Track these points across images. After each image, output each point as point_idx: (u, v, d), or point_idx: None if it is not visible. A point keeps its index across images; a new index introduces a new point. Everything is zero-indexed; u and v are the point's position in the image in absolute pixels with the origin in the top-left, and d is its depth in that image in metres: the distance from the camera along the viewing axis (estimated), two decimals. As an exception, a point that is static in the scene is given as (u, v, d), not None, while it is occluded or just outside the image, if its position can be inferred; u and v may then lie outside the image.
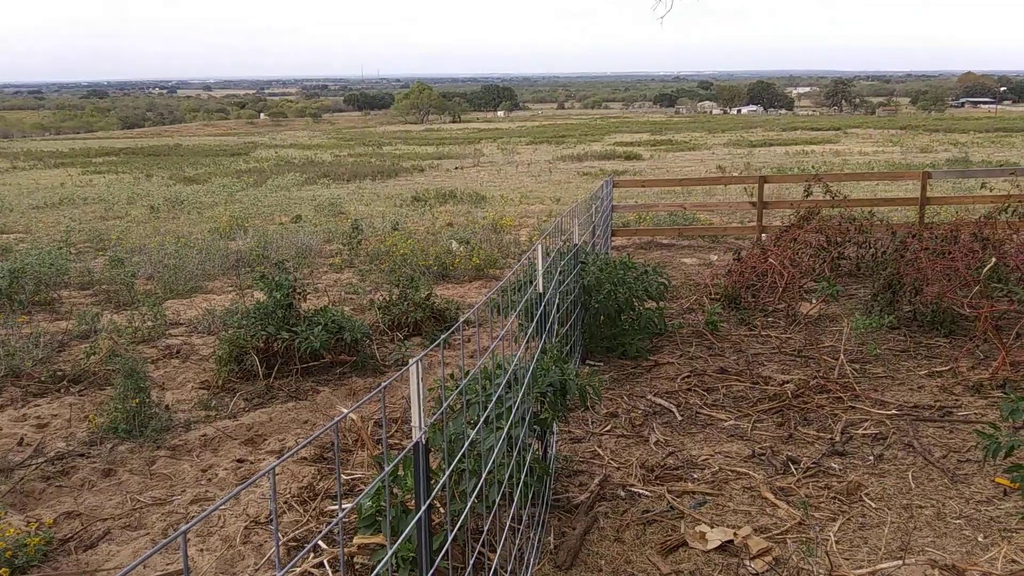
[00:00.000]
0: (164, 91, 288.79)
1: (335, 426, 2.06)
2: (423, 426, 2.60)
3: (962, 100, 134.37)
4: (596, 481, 5.43)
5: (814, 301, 9.45)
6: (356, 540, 4.30)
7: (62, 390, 7.71)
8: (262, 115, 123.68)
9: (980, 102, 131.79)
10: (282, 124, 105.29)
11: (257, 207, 22.51)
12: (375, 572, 2.30)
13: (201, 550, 4.84)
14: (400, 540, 2.52)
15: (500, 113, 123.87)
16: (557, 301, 6.11)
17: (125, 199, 25.18)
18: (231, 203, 23.68)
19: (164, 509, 5.37)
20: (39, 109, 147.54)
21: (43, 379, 7.89)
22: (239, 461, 6.10)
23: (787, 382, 7.20)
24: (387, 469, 2.34)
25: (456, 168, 36.86)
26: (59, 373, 7.96)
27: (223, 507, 5.29)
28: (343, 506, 4.92)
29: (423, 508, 2.66)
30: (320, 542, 4.74)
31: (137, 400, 6.54)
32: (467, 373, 3.86)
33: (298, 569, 4.49)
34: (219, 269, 13.26)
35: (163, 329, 9.62)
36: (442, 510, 4.19)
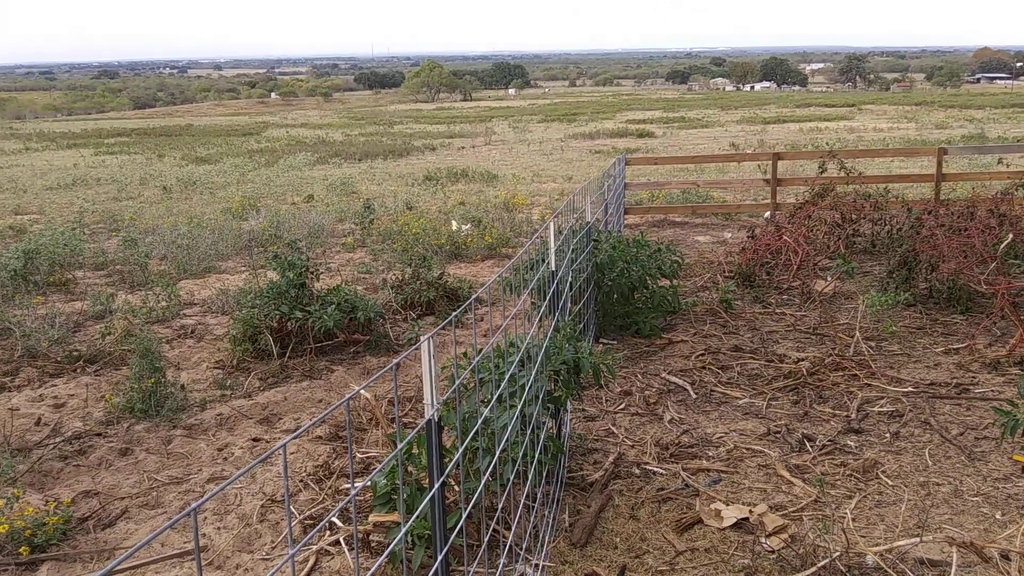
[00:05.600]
0: (175, 71, 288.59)
1: (347, 404, 2.05)
2: (436, 404, 2.60)
3: (978, 76, 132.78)
4: (611, 459, 5.43)
5: (829, 279, 9.38)
6: (371, 518, 4.31)
7: (78, 370, 7.76)
8: (273, 94, 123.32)
9: (996, 77, 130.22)
10: (293, 103, 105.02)
11: (269, 187, 22.52)
12: (389, 549, 2.31)
13: (218, 528, 4.87)
14: (414, 518, 2.52)
15: (511, 91, 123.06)
16: (570, 279, 6.09)
17: (138, 180, 25.23)
18: (243, 183, 23.70)
19: (181, 488, 5.40)
20: (51, 90, 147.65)
21: (59, 359, 7.94)
22: (255, 440, 6.13)
23: (802, 360, 7.17)
24: (399, 447, 2.33)
25: (468, 147, 36.73)
26: (75, 353, 8.01)
27: (240, 486, 5.32)
28: (357, 484, 4.94)
29: (436, 486, 2.66)
30: (336, 520, 4.76)
31: (153, 380, 6.58)
32: (479, 351, 3.86)
33: (314, 547, 4.52)
34: (232, 249, 13.29)
35: (177, 309, 9.66)
36: (456, 488, 4.20)
